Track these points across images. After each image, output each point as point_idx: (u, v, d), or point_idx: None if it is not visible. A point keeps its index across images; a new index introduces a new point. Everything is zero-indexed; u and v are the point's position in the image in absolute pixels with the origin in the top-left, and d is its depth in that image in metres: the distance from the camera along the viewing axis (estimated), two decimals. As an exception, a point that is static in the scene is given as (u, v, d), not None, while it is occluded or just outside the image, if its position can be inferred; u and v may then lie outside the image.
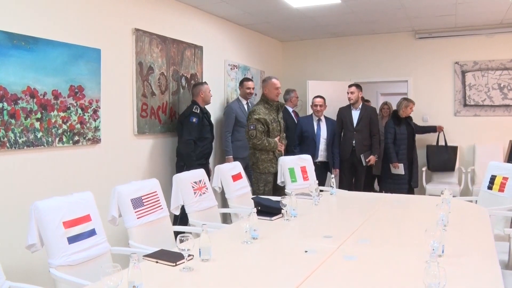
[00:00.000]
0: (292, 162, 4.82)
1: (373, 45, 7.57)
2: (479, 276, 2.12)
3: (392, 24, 6.83)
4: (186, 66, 5.36)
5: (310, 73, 7.79)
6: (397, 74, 7.52)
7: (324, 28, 7.03)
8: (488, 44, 6.94)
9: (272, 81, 5.02)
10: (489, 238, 2.75)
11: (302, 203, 3.57)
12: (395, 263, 2.32)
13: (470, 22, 6.70)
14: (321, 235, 2.82)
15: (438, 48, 7.20)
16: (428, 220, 2.94)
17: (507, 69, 6.85)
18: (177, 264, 2.23)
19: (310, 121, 6.19)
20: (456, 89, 7.13)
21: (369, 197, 4.54)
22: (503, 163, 4.50)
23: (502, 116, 6.89)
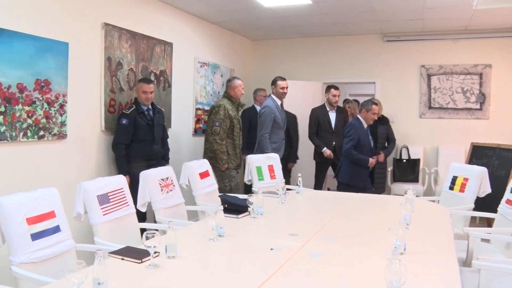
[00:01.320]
0: (259, 160, 4.85)
1: (343, 47, 7.67)
2: (438, 273, 2.19)
3: (362, 26, 6.93)
4: (156, 63, 5.33)
5: (280, 73, 7.75)
6: (365, 75, 7.63)
7: (295, 28, 7.09)
8: (453, 49, 7.13)
9: (239, 81, 5.36)
10: (449, 237, 2.84)
11: (268, 202, 3.61)
12: (358, 260, 2.38)
13: (437, 27, 6.87)
14: (287, 233, 2.86)
15: (405, 51, 7.36)
16: (391, 219, 3.01)
17: (470, 74, 7.05)
18: (143, 261, 2.23)
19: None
20: (422, 92, 7.30)
21: (335, 196, 4.61)
22: (464, 165, 4.62)
23: (465, 119, 7.09)
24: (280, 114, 5.63)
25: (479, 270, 2.51)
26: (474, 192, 4.08)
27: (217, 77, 6.81)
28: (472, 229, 3.32)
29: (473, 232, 3.24)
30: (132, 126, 4.52)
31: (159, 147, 4.78)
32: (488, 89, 6.98)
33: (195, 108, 6.24)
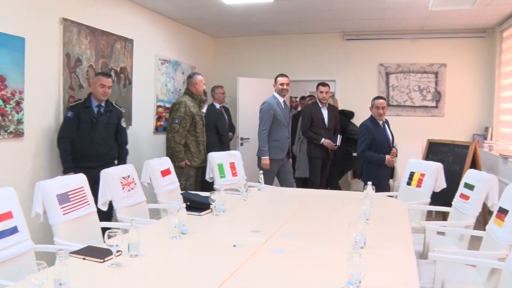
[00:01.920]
0: (221, 158, 4.86)
1: (304, 45, 7.75)
2: (397, 266, 2.26)
3: (322, 25, 7.03)
4: (116, 59, 5.25)
5: (241, 70, 7.86)
6: (326, 73, 7.74)
7: (256, 26, 7.11)
8: (411, 49, 7.33)
9: (200, 77, 5.29)
10: (407, 231, 2.92)
11: (230, 199, 3.62)
12: (320, 255, 2.42)
13: (395, 27, 7.04)
14: (250, 229, 2.88)
15: (364, 50, 7.51)
16: (351, 214, 3.08)
17: (426, 72, 7.27)
18: (105, 260, 2.20)
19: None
20: (380, 90, 7.46)
21: (296, 192, 4.68)
22: (421, 161, 4.77)
23: (422, 117, 7.31)
24: (283, 111, 5.53)
25: (434, 261, 2.60)
26: (431, 187, 4.22)
27: (178, 74, 6.77)
28: (428, 223, 3.44)
29: (429, 225, 3.36)
30: (77, 120, 4.25)
31: (103, 148, 4.38)
32: (443, 87, 7.22)
33: (156, 105, 6.19)
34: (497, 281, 2.55)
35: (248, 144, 7.46)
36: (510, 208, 2.79)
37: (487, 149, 5.97)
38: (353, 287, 1.83)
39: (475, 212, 3.50)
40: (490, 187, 3.50)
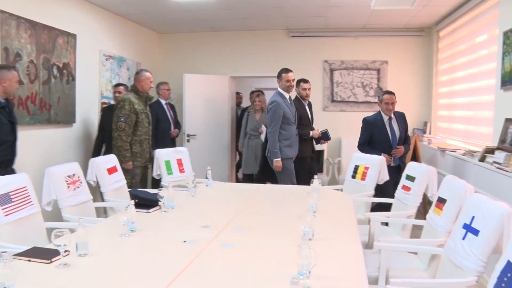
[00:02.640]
0: (168, 154, 4.82)
1: (250, 41, 7.79)
2: (344, 256, 2.35)
3: (268, 22, 7.09)
4: (58, 55, 5.09)
5: (188, 66, 7.80)
6: (271, 70, 7.76)
7: (203, 22, 7.09)
8: (354, 46, 7.53)
9: (147, 74, 5.10)
10: (353, 222, 3.03)
11: (179, 195, 3.62)
12: (270, 248, 2.47)
13: (339, 25, 7.21)
14: (199, 225, 2.89)
15: (309, 47, 7.64)
16: (299, 208, 3.15)
17: (369, 69, 7.49)
18: (52, 261, 2.15)
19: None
20: (325, 86, 7.63)
21: (243, 187, 4.72)
22: (365, 154, 4.89)
23: (365, 112, 7.49)
24: (290, 108, 5.31)
25: (379, 250, 2.71)
26: (374, 179, 4.36)
27: (123, 70, 6.65)
28: (373, 214, 3.57)
29: (373, 216, 3.49)
30: None
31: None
32: (385, 83, 7.46)
33: (100, 102, 6.05)
34: (436, 266, 2.69)
35: (194, 141, 7.44)
36: (448, 197, 2.94)
37: (426, 143, 6.22)
38: (303, 277, 1.88)
39: (416, 203, 3.66)
40: (429, 179, 3.68)
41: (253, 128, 6.91)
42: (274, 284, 1.96)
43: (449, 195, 2.96)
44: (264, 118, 6.85)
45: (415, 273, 2.89)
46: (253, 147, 6.88)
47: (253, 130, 6.91)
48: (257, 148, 6.85)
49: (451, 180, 3.06)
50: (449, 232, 2.70)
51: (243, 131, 7.07)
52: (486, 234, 2.23)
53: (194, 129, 7.45)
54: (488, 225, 2.24)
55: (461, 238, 2.41)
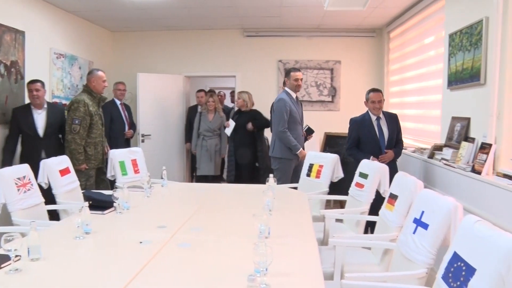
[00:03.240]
0: (122, 155, 4.74)
1: (205, 40, 7.76)
2: (300, 253, 2.38)
3: (223, 21, 7.09)
4: (6, 52, 4.90)
5: (142, 66, 7.70)
6: (226, 69, 7.83)
7: (157, 20, 7.01)
8: (308, 46, 7.63)
9: (99, 73, 4.98)
10: (308, 219, 3.07)
11: (134, 196, 3.57)
12: (227, 246, 2.48)
13: (293, 25, 7.29)
14: (155, 225, 2.86)
15: (264, 46, 7.69)
16: (255, 206, 3.17)
17: (322, 69, 7.62)
18: (2, 267, 2.07)
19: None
20: (280, 85, 7.69)
21: (199, 187, 4.70)
22: (319, 153, 4.97)
23: (319, 111, 7.64)
24: (297, 108, 5.21)
25: (334, 246, 2.77)
26: (329, 177, 4.44)
27: (75, 69, 6.49)
28: (327, 211, 3.63)
29: (328, 213, 3.55)
30: None
31: None
32: (338, 83, 7.60)
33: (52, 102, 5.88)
34: (389, 260, 2.78)
35: (149, 141, 7.35)
36: (399, 193, 3.04)
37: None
38: (260, 275, 1.89)
39: (369, 199, 3.76)
40: (381, 175, 3.78)
41: (207, 129, 6.84)
42: (231, 282, 1.97)
43: (400, 191, 3.05)
44: (217, 118, 6.87)
45: (369, 267, 2.96)
46: (207, 148, 6.82)
47: (206, 131, 6.84)
48: (211, 149, 6.80)
49: (402, 177, 3.16)
50: (401, 227, 2.79)
51: (195, 132, 6.99)
52: (435, 227, 2.32)
53: (148, 129, 7.36)
54: (436, 219, 2.33)
55: (411, 232, 2.49)
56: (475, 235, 1.85)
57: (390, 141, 4.64)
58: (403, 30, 6.47)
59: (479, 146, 3.66)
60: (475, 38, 3.87)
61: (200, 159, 6.90)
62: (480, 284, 1.69)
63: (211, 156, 6.83)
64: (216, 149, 6.91)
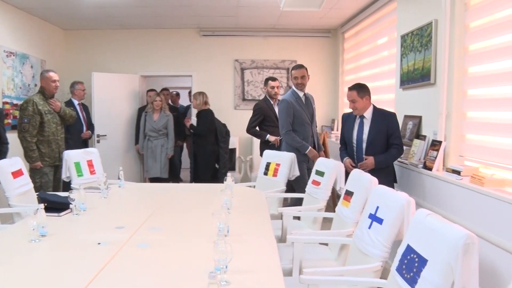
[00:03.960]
0: (77, 156, 4.65)
1: (161, 39, 7.70)
2: (259, 250, 2.41)
3: (179, 20, 7.05)
4: (-49, 50, 4.72)
5: (96, 65, 7.56)
6: (182, 68, 7.79)
7: (112, 19, 6.89)
8: (264, 45, 7.69)
9: (49, 74, 5.03)
10: (266, 217, 3.11)
11: (91, 197, 3.50)
12: (186, 245, 2.48)
13: (249, 24, 7.33)
14: (113, 226, 2.83)
15: (220, 46, 7.69)
16: (214, 205, 3.19)
17: (279, 68, 7.69)
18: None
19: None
20: (236, 85, 7.72)
21: (157, 187, 4.66)
22: (276, 152, 5.01)
23: (275, 110, 7.70)
24: (303, 107, 4.90)
25: (292, 243, 2.81)
26: (285, 175, 4.49)
27: (27, 68, 6.30)
28: (285, 209, 3.68)
29: (286, 211, 3.60)
30: None
31: None
32: (294, 82, 7.68)
33: (1, 102, 5.69)
34: (346, 255, 2.85)
35: (105, 141, 7.22)
36: (355, 190, 3.12)
37: (334, 139, 6.50)
38: (221, 272, 1.91)
39: (325, 196, 3.83)
40: (337, 173, 3.86)
41: (151, 129, 6.66)
42: (191, 281, 1.98)
43: (355, 188, 3.13)
44: (163, 117, 6.64)
45: (327, 262, 3.03)
46: (153, 148, 6.68)
47: (151, 131, 6.67)
48: (156, 150, 6.66)
49: (357, 174, 3.25)
50: (357, 222, 2.87)
51: (142, 132, 6.81)
52: (389, 222, 2.40)
53: (104, 129, 7.23)
54: (390, 214, 2.41)
55: (367, 227, 2.57)
56: (427, 228, 1.93)
57: (371, 145, 3.99)
58: (357, 31, 6.62)
59: (430, 144, 3.81)
60: (425, 39, 4.01)
61: (146, 161, 6.76)
62: (432, 273, 1.77)
63: (156, 157, 6.65)
64: (162, 150, 6.70)
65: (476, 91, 3.49)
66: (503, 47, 3.11)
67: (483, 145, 3.36)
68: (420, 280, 1.82)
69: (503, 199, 2.65)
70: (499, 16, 3.19)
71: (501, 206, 2.67)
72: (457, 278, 1.67)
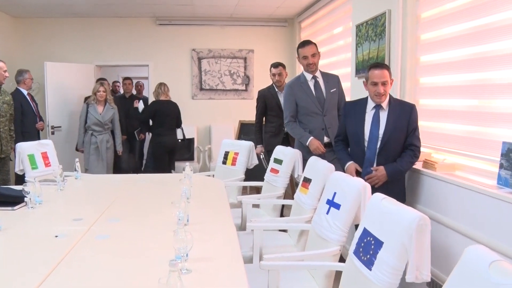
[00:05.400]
0: (31, 148, 4.52)
1: (116, 29, 7.56)
2: (219, 238, 2.43)
3: (134, 8, 6.92)
4: None
5: (49, 54, 7.33)
6: (138, 58, 7.68)
7: (64, 7, 6.69)
8: (221, 35, 7.68)
9: (1, 64, 4.85)
10: (225, 206, 3.12)
11: (47, 190, 3.42)
12: (146, 235, 2.47)
13: (206, 13, 7.28)
14: (71, 218, 2.78)
15: (177, 35, 7.62)
16: (173, 195, 3.17)
17: (236, 57, 7.69)
18: None
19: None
20: (193, 74, 7.68)
21: (115, 178, 4.61)
22: (234, 140, 5.05)
23: (233, 99, 7.73)
24: (309, 94, 4.02)
25: (252, 230, 2.85)
26: (244, 164, 4.53)
27: (-27, 57, 6.04)
28: (244, 197, 3.72)
29: (245, 199, 3.63)
30: None
31: None
32: (251, 71, 7.72)
33: None
34: (305, 241, 2.91)
35: (60, 133, 7.05)
36: (313, 177, 3.18)
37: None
38: (181, 260, 1.92)
39: (284, 184, 3.88)
40: (295, 161, 3.91)
41: (96, 122, 5.93)
42: (152, 270, 1.97)
43: (313, 175, 3.19)
44: (108, 110, 6.02)
45: (287, 249, 3.09)
46: (97, 144, 5.97)
47: (96, 125, 5.94)
48: (102, 146, 5.99)
49: (315, 161, 3.31)
50: (315, 208, 2.92)
51: (82, 126, 6.02)
52: (346, 207, 2.47)
53: (58, 120, 7.06)
54: (347, 199, 2.48)
55: (325, 212, 2.63)
56: (382, 211, 2.00)
57: (387, 145, 3.13)
58: (313, 20, 6.68)
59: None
60: (379, 29, 4.10)
61: (87, 158, 5.98)
62: (387, 254, 1.84)
63: (101, 155, 5.98)
64: (107, 146, 6.03)
65: (427, 79, 3.60)
66: (453, 37, 3.22)
67: (435, 131, 3.48)
68: (376, 261, 1.89)
69: (454, 183, 2.78)
70: (449, 7, 3.30)
71: (452, 189, 2.79)
72: (411, 258, 1.75)
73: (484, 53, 2.92)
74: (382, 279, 1.83)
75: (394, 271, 1.80)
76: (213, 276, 1.93)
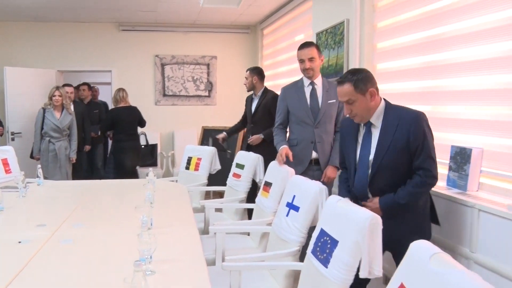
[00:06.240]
0: (-9, 154, 4.47)
1: (78, 34, 7.50)
2: (183, 241, 2.49)
3: (96, 14, 6.89)
4: None
5: (9, 59, 7.20)
6: (101, 64, 7.64)
7: (22, 10, 6.60)
8: (184, 41, 7.73)
9: None
10: (189, 210, 3.18)
11: (8, 197, 3.40)
12: (110, 239, 2.51)
13: (169, 20, 7.33)
14: (34, 224, 2.77)
15: (140, 41, 7.63)
16: (137, 199, 3.21)
17: (199, 64, 7.76)
18: None
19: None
20: (157, 80, 7.70)
21: (78, 184, 4.58)
22: (198, 146, 5.09)
23: (196, 105, 7.79)
24: (305, 102, 3.65)
25: (215, 234, 2.92)
26: (207, 169, 4.59)
27: None
28: (207, 202, 3.78)
29: (208, 204, 3.70)
30: None
31: None
32: (214, 78, 7.80)
33: None
34: (266, 243, 3.00)
35: (20, 139, 6.93)
36: (273, 181, 3.28)
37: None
38: (146, 262, 1.97)
39: (246, 188, 3.97)
40: (257, 165, 4.00)
41: (54, 128, 5.71)
42: (117, 271, 2.01)
43: (274, 179, 3.30)
44: (66, 116, 5.81)
45: (249, 251, 3.17)
46: (56, 151, 5.74)
47: (53, 131, 5.72)
48: (60, 153, 5.76)
49: (275, 166, 3.41)
50: (275, 211, 3.02)
51: (38, 133, 5.79)
52: (305, 209, 2.58)
53: (18, 127, 6.94)
54: (305, 201, 2.58)
55: (285, 215, 2.73)
56: (337, 212, 2.11)
57: (380, 171, 2.43)
58: (275, 27, 6.82)
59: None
60: (338, 37, 4.26)
61: (47, 166, 5.66)
62: (342, 253, 1.95)
63: (60, 162, 5.76)
64: (66, 153, 5.82)
65: (383, 86, 3.76)
66: (407, 46, 3.40)
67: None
68: (332, 259, 1.99)
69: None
70: (404, 18, 3.48)
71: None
72: (364, 255, 1.86)
73: (436, 62, 3.11)
74: (337, 276, 1.93)
75: (348, 268, 1.91)
76: (176, 277, 1.99)
